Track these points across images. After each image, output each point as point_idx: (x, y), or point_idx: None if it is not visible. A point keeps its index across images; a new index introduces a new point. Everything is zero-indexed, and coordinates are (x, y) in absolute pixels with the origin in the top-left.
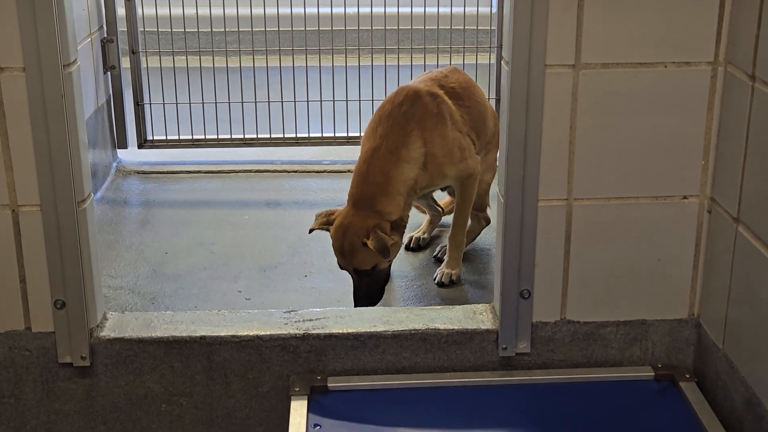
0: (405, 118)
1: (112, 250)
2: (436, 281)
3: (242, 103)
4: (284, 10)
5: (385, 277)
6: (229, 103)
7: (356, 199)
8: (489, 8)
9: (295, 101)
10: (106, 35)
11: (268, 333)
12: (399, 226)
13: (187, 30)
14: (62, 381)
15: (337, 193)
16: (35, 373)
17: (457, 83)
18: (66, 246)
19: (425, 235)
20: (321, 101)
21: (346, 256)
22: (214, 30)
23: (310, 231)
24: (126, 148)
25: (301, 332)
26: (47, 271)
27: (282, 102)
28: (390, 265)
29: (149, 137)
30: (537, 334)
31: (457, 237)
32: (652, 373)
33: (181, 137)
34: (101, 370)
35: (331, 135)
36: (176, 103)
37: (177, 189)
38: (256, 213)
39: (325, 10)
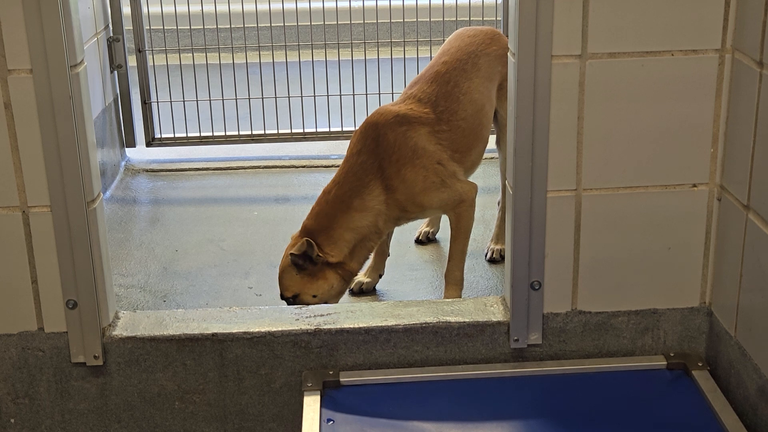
0: (362, 168)
1: (123, 249)
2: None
3: (249, 99)
4: (289, 6)
5: None
6: (236, 99)
7: (303, 230)
8: None
9: (302, 96)
10: (112, 34)
11: (280, 329)
12: (344, 270)
13: (192, 27)
14: (76, 380)
15: None
16: (49, 373)
17: (436, 106)
18: (77, 246)
19: (433, 229)
20: (327, 96)
21: (278, 279)
22: (219, 27)
23: None
24: (134, 146)
25: (313, 327)
26: (59, 271)
27: (289, 97)
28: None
29: (157, 135)
30: (548, 325)
31: (454, 273)
32: (665, 362)
33: (189, 134)
34: (114, 369)
35: (339, 129)
36: (183, 101)
37: (186, 186)
38: (265, 209)
39: (330, 4)
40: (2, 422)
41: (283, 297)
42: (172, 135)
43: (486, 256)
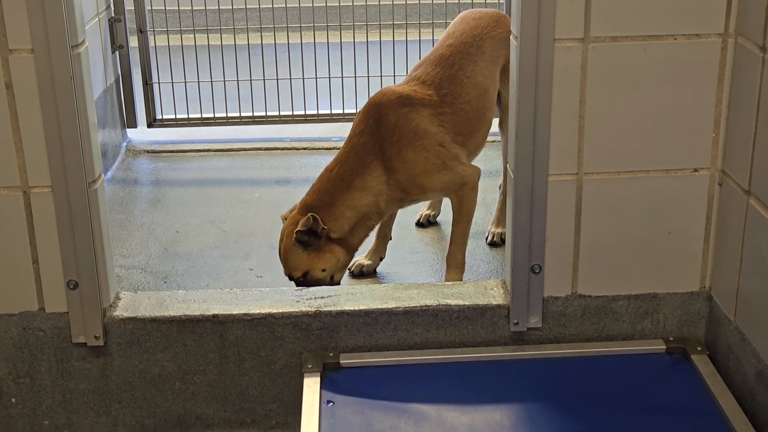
0: (364, 148)
1: (124, 230)
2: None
3: (251, 80)
4: None
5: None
6: (238, 80)
7: (302, 207)
8: None
9: (303, 78)
10: (113, 15)
11: (281, 311)
12: (345, 245)
13: (194, 8)
14: (76, 361)
15: None
16: (50, 353)
17: (440, 89)
18: (78, 226)
19: (434, 212)
20: (329, 78)
21: (282, 261)
22: (221, 7)
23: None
24: (135, 127)
25: (313, 309)
26: (60, 251)
27: (290, 79)
28: (331, 279)
29: (158, 116)
30: (548, 309)
31: (456, 256)
32: (664, 347)
33: (191, 116)
34: (115, 350)
35: (340, 111)
36: (185, 82)
37: (187, 168)
38: (266, 191)
39: None
40: (3, 402)
41: (291, 278)
42: (173, 116)
43: (486, 239)
